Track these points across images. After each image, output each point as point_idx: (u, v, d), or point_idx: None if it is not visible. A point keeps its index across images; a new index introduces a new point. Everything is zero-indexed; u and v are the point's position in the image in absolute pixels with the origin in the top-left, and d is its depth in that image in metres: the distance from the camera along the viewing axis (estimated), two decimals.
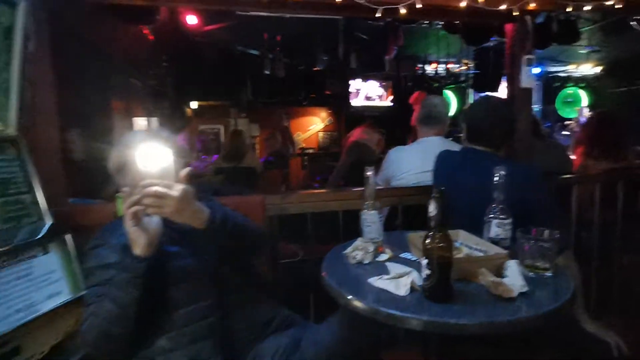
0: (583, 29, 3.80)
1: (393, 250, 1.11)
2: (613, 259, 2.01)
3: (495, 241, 1.01)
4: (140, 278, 0.93)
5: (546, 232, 0.92)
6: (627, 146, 2.63)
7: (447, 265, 0.77)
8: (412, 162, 1.90)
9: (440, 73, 6.60)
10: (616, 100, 6.94)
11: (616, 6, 1.76)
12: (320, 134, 7.25)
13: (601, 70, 7.06)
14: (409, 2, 1.65)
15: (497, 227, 1.01)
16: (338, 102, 6.76)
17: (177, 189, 0.90)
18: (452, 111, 7.02)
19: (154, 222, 0.96)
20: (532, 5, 1.78)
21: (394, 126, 5.50)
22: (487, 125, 1.42)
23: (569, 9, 1.81)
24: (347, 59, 4.90)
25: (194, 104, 6.31)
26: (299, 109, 7.01)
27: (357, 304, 0.82)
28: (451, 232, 1.11)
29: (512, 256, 0.94)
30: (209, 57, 4.89)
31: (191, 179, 0.97)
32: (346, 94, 6.67)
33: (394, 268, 0.94)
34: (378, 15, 1.66)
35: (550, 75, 7.25)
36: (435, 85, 6.79)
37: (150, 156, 0.91)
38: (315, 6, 1.71)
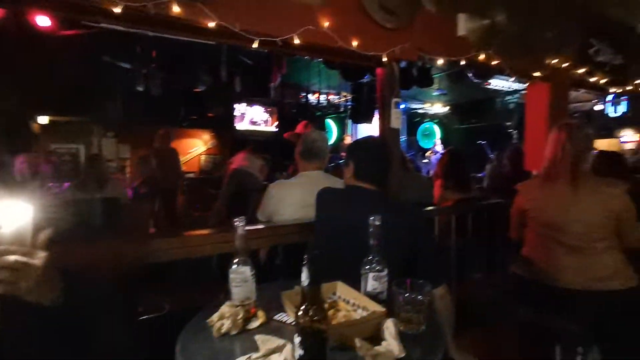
0: (435, 75, 4.47)
1: (267, 310, 0.98)
2: (465, 278, 2.29)
3: (372, 295, 0.97)
4: None
5: (419, 284, 0.92)
6: (471, 177, 3.12)
7: (323, 342, 0.68)
8: (293, 198, 1.86)
9: (322, 103, 6.96)
10: (460, 135, 8.60)
11: (461, 62, 2.15)
12: (203, 157, 6.83)
13: (448, 110, 8.60)
14: (287, 37, 1.62)
15: (374, 280, 0.97)
16: (222, 125, 6.48)
17: (40, 257, 0.68)
18: (333, 139, 7.49)
19: None
20: (397, 54, 1.96)
21: (280, 152, 5.52)
22: (375, 164, 1.44)
23: (426, 61, 2.09)
24: (231, 82, 4.75)
25: (43, 119, 5.24)
26: (179, 131, 6.48)
27: None
28: (329, 285, 1.05)
29: (389, 311, 0.91)
30: (65, 66, 4.15)
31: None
32: (230, 117, 6.46)
33: (265, 342, 0.80)
34: (255, 46, 1.58)
35: (412, 110, 8.46)
36: (318, 113, 7.13)
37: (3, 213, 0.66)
38: (185, 28, 1.53)
